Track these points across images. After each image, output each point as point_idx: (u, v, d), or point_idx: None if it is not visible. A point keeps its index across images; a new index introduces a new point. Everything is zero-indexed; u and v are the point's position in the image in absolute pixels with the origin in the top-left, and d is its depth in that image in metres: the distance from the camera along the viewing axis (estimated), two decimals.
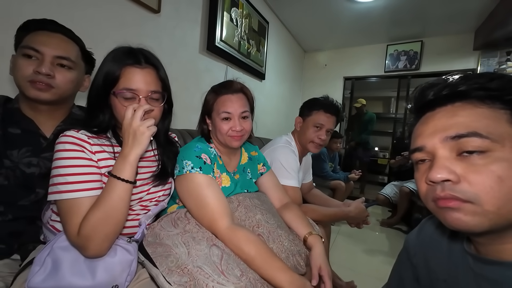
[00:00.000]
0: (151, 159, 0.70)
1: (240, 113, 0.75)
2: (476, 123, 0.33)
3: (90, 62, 0.75)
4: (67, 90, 0.67)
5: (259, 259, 0.57)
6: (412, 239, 0.54)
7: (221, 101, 0.76)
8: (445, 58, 2.81)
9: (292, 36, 3.10)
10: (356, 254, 1.90)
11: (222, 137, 0.76)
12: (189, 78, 1.59)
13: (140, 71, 0.59)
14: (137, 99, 0.59)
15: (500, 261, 0.36)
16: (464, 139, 0.33)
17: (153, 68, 0.62)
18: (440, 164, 0.34)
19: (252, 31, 2.13)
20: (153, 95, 0.61)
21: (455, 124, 0.34)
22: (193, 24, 1.60)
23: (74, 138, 0.55)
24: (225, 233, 0.61)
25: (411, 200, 2.36)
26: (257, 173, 0.90)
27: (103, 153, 0.59)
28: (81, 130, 0.57)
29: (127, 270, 0.56)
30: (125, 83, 0.58)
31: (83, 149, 0.55)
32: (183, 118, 1.46)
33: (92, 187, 0.54)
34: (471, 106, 0.34)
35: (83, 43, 0.71)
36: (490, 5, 2.17)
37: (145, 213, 0.67)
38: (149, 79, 0.60)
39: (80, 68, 0.70)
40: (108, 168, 0.58)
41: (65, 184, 0.52)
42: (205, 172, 0.68)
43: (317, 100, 1.12)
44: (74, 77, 0.68)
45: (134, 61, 0.59)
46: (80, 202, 0.52)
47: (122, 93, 0.58)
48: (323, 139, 1.09)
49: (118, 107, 0.59)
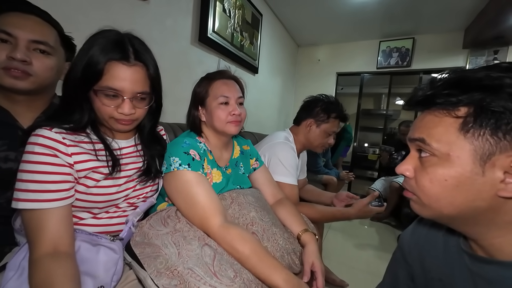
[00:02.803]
0: (135, 154, 0.65)
1: (237, 97, 0.74)
2: (427, 130, 0.37)
3: (71, 48, 0.69)
4: (46, 78, 0.61)
5: (253, 258, 0.55)
6: (406, 238, 0.53)
7: (217, 85, 0.74)
8: (435, 56, 2.85)
9: (286, 30, 3.06)
10: (347, 248, 1.94)
11: (220, 124, 0.72)
12: (181, 70, 1.54)
13: (128, 69, 0.53)
14: (120, 99, 0.54)
15: (497, 261, 0.36)
16: (415, 142, 0.39)
17: (142, 66, 0.56)
18: (405, 161, 0.41)
19: (245, 23, 2.07)
20: (139, 96, 0.56)
21: (417, 128, 0.39)
22: (184, 13, 1.53)
23: (45, 139, 0.49)
24: (218, 231, 0.58)
25: (400, 195, 2.41)
26: (249, 168, 0.88)
27: (81, 154, 0.53)
28: (54, 128, 0.51)
29: (112, 269, 0.52)
30: (109, 81, 0.51)
31: (56, 152, 0.49)
32: (174, 111, 1.40)
33: (61, 197, 0.49)
34: (431, 115, 0.37)
35: (61, 27, 0.65)
36: (480, 4, 2.19)
37: (132, 210, 0.64)
38: (137, 78, 0.54)
39: (60, 55, 0.64)
40: (87, 170, 0.53)
41: (26, 192, 0.46)
42: (194, 169, 0.64)
43: (334, 106, 1.09)
44: (54, 64, 0.62)
45: (121, 56, 0.52)
46: (46, 214, 0.47)
47: (104, 91, 0.52)
48: (331, 143, 1.14)
49: (98, 105, 0.53)
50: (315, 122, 1.09)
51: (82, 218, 0.57)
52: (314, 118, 1.09)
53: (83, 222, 0.57)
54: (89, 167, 0.54)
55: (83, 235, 0.54)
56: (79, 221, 0.57)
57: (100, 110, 0.54)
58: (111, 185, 0.58)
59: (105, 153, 0.57)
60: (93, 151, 0.55)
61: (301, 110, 1.16)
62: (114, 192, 0.59)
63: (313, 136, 1.10)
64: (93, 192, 0.55)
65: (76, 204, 0.54)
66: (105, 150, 0.57)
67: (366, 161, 4.07)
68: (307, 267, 0.66)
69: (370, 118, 4.25)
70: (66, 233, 0.49)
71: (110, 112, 0.54)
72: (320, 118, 1.08)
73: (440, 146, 0.35)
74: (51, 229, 0.47)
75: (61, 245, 0.47)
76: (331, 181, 2.26)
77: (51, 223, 0.47)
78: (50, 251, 0.46)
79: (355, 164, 3.77)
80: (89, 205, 0.56)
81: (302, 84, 3.58)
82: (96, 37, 0.53)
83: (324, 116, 1.08)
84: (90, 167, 0.54)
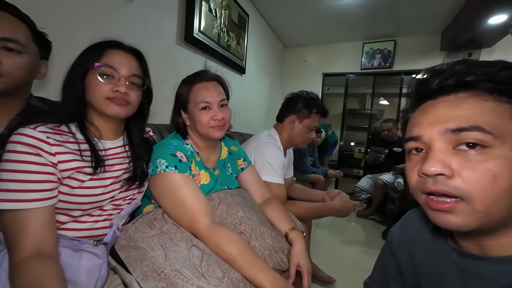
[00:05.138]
0: (122, 155, 0.64)
1: (219, 101, 0.72)
2: (480, 117, 0.31)
3: (45, 45, 0.65)
4: (18, 78, 0.58)
5: (240, 259, 0.55)
6: (395, 233, 0.53)
7: (197, 90, 0.72)
8: (415, 58, 2.97)
9: (272, 30, 3.08)
10: (335, 245, 1.98)
11: (204, 129, 0.72)
12: (166, 70, 1.51)
13: (124, 54, 0.59)
14: (116, 78, 0.56)
15: (484, 256, 0.35)
16: (465, 132, 0.31)
17: (135, 57, 0.62)
18: (435, 157, 0.32)
19: (232, 23, 2.07)
20: (133, 78, 0.60)
21: (457, 116, 0.32)
22: (169, 13, 1.50)
23: (29, 138, 0.48)
24: (205, 232, 0.58)
25: (385, 192, 2.50)
26: (237, 169, 0.88)
27: (66, 154, 0.52)
28: (39, 127, 0.50)
29: (96, 275, 0.51)
30: (107, 59, 0.56)
31: (39, 151, 0.48)
32: (160, 112, 1.38)
33: (43, 197, 0.47)
34: (476, 99, 0.32)
35: (32, 22, 0.61)
36: (455, 9, 2.31)
37: (117, 213, 0.62)
38: (131, 63, 0.60)
39: (32, 52, 0.60)
40: (72, 171, 0.52)
41: (6, 192, 0.45)
42: (181, 171, 0.64)
43: (315, 102, 1.11)
44: (26, 63, 0.58)
45: (118, 46, 0.60)
46: (28, 215, 0.45)
47: (100, 68, 0.55)
48: (314, 138, 1.17)
49: (94, 86, 0.55)
50: (297, 118, 1.11)
51: (62, 222, 0.55)
52: (296, 114, 1.11)
53: (64, 226, 0.55)
54: (73, 167, 0.52)
55: (64, 240, 0.52)
56: (60, 225, 0.55)
57: (96, 90, 0.55)
58: (96, 186, 0.57)
59: (90, 153, 0.56)
60: (78, 151, 0.54)
61: (283, 107, 1.17)
62: (99, 193, 0.57)
63: (297, 132, 1.12)
64: (77, 193, 0.54)
65: (59, 206, 0.52)
66: (90, 150, 0.56)
67: (352, 159, 4.18)
68: (292, 268, 0.67)
69: (356, 118, 4.36)
70: (49, 236, 0.47)
71: (105, 91, 0.56)
72: (303, 114, 1.10)
73: (502, 134, 0.30)
74: (34, 230, 0.45)
75: (45, 248, 0.46)
76: (319, 180, 2.31)
77: (34, 224, 0.46)
78: (33, 252, 0.44)
79: (342, 163, 3.86)
80: (72, 207, 0.54)
81: (289, 85, 3.62)
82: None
83: (306, 112, 1.09)
84: (75, 167, 0.52)
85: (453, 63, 0.36)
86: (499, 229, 0.33)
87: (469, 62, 0.35)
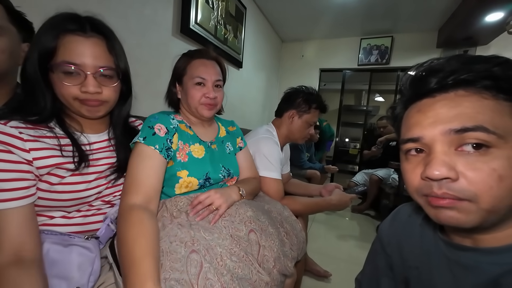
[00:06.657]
0: (108, 149, 0.61)
1: (214, 80, 0.72)
2: (482, 116, 0.30)
3: (26, 27, 0.61)
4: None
5: (130, 256, 0.45)
6: (385, 229, 0.53)
7: (195, 65, 0.72)
8: (411, 54, 2.98)
9: (270, 24, 3.04)
10: (330, 239, 2.00)
11: (194, 104, 0.71)
12: (161, 62, 1.47)
13: (85, 41, 0.48)
14: (82, 76, 0.49)
15: (476, 248, 0.36)
16: (470, 133, 0.30)
17: (102, 38, 0.51)
18: (440, 160, 0.31)
19: (229, 16, 2.03)
20: (104, 71, 0.51)
21: (459, 116, 0.31)
22: (165, 3, 1.46)
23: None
24: (124, 209, 0.51)
25: (380, 187, 2.53)
26: (236, 147, 0.88)
27: (43, 150, 0.48)
28: (11, 122, 0.46)
29: (88, 269, 0.50)
30: (65, 55, 0.47)
31: (10, 148, 0.44)
32: (155, 105, 1.35)
33: (18, 196, 0.44)
34: (476, 97, 0.31)
35: (9, 2, 0.56)
36: (452, 6, 2.32)
37: (109, 208, 0.60)
38: (97, 52, 0.50)
39: (11, 34, 0.56)
40: (50, 167, 0.48)
41: None
42: (147, 143, 0.60)
43: (314, 97, 1.10)
44: (4, 45, 0.54)
45: (76, 27, 0.48)
46: (4, 216, 0.42)
47: (61, 67, 0.47)
48: (312, 133, 1.17)
49: (59, 86, 0.48)
50: (297, 113, 1.10)
51: (52, 217, 0.53)
52: (296, 109, 1.10)
53: (53, 222, 0.53)
54: (52, 164, 0.49)
55: (53, 236, 0.50)
56: (49, 220, 0.52)
57: (62, 92, 0.49)
58: (79, 182, 0.53)
59: (72, 148, 0.52)
60: (57, 146, 0.50)
61: (282, 102, 1.17)
62: (83, 189, 0.54)
63: (296, 127, 1.12)
64: (58, 189, 0.50)
65: (39, 203, 0.49)
66: (72, 145, 0.52)
67: (347, 155, 4.21)
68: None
69: (351, 114, 4.38)
70: (29, 237, 0.44)
71: (73, 92, 0.49)
72: (302, 109, 1.09)
73: (504, 134, 0.29)
74: (12, 233, 0.42)
75: (25, 251, 0.43)
76: (315, 175, 2.31)
77: (11, 226, 0.43)
78: (12, 259, 0.41)
79: (337, 158, 3.88)
80: (54, 204, 0.51)
81: (286, 79, 3.60)
82: (50, 18, 0.49)
83: (306, 107, 1.09)
84: (53, 164, 0.49)
85: (448, 59, 0.35)
86: (497, 224, 0.33)
87: (464, 57, 0.34)
